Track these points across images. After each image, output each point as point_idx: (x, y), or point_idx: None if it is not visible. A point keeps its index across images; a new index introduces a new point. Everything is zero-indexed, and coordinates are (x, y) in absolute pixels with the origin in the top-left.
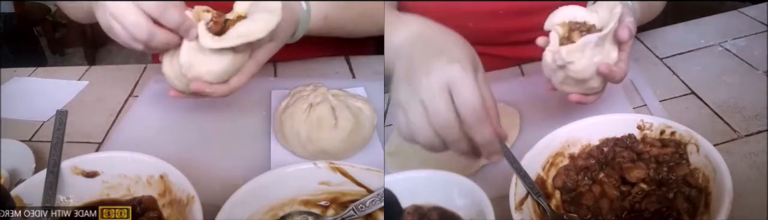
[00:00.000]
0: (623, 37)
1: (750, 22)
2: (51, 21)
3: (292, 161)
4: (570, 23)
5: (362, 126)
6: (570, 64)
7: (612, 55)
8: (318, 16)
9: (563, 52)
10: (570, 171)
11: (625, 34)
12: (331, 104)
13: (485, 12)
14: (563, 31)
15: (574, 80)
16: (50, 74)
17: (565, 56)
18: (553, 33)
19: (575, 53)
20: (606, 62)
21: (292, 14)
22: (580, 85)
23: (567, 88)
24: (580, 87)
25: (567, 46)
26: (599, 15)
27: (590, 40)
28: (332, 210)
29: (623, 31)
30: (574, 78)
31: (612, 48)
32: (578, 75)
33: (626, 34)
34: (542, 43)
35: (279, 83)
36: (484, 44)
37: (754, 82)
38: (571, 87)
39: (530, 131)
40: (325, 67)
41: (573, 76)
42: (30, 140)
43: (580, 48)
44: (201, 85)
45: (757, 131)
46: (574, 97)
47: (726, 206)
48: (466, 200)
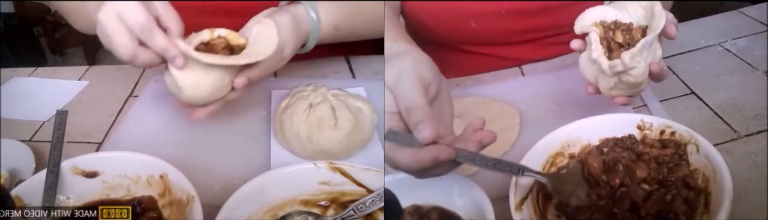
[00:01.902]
0: (673, 34)
1: (750, 22)
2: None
3: (292, 161)
4: (603, 23)
5: (362, 126)
6: (632, 70)
7: (658, 54)
8: (328, 26)
9: (626, 58)
10: None
11: (674, 30)
12: (331, 104)
13: (488, 12)
14: (601, 32)
15: (628, 85)
16: (50, 74)
17: (629, 62)
18: (593, 34)
19: (636, 57)
20: (656, 62)
21: (302, 27)
22: (632, 88)
23: (617, 92)
24: (631, 90)
25: (629, 51)
26: (629, 13)
27: (649, 41)
28: (332, 210)
29: (672, 28)
30: (630, 83)
31: (657, 47)
32: (637, 79)
33: (675, 31)
34: (578, 47)
35: (279, 83)
36: (485, 44)
37: (754, 82)
38: (621, 91)
39: (530, 131)
40: (325, 67)
41: (630, 82)
42: (30, 140)
43: (639, 51)
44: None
45: (757, 131)
46: (620, 101)
47: (726, 206)
48: (466, 200)
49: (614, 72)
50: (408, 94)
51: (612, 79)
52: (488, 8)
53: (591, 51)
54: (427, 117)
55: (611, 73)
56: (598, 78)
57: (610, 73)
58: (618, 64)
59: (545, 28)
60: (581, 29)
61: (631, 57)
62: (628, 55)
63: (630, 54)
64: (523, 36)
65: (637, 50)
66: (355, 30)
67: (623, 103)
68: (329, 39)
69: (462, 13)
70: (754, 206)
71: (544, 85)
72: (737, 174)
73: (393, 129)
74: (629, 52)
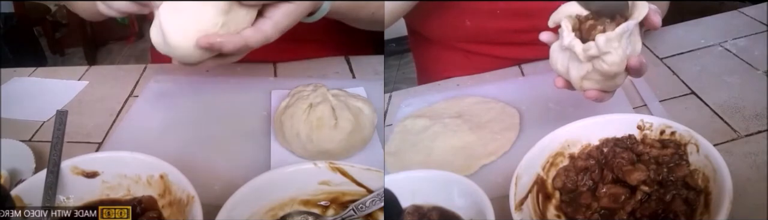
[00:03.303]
0: (656, 23)
1: (750, 22)
2: (51, 21)
3: (292, 161)
4: (578, 16)
5: (362, 126)
6: (606, 55)
7: (637, 48)
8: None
9: (601, 40)
10: (570, 172)
11: (658, 20)
12: (331, 104)
13: (483, 11)
14: (574, 23)
15: (602, 75)
16: (50, 74)
17: (603, 46)
18: (565, 22)
19: (613, 43)
20: (637, 55)
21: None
22: (606, 81)
23: (589, 84)
24: (604, 84)
25: (605, 34)
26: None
27: (629, 27)
28: (332, 210)
29: (656, 18)
30: (603, 72)
31: (637, 39)
32: (612, 68)
33: (658, 21)
34: (547, 39)
35: (279, 83)
36: (483, 44)
37: (754, 82)
38: (593, 83)
39: (530, 131)
40: (325, 67)
41: (603, 70)
42: (30, 140)
43: (618, 37)
44: (208, 38)
45: (757, 131)
46: (592, 94)
47: (726, 206)
48: (466, 200)
49: (588, 56)
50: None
51: (584, 67)
52: (483, 7)
53: (562, 39)
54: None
55: (584, 57)
56: (569, 68)
57: (584, 58)
58: (592, 47)
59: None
60: (554, 21)
61: (606, 40)
62: (604, 37)
63: (605, 37)
64: (521, 36)
65: (614, 35)
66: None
67: (596, 97)
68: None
69: (457, 10)
70: (754, 206)
71: (544, 85)
72: (737, 174)
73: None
74: (605, 35)
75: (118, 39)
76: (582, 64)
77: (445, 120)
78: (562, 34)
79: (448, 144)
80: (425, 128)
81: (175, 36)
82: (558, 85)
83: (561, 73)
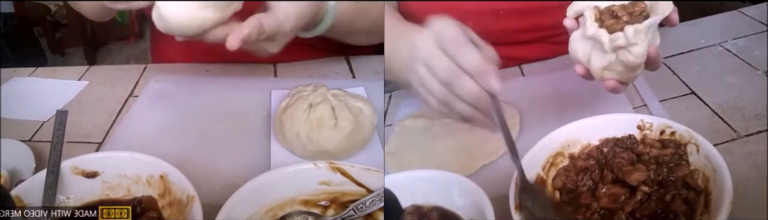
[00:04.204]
0: (675, 21)
1: (750, 22)
2: (51, 21)
3: (292, 161)
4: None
5: (362, 126)
6: (633, 46)
7: (656, 42)
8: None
9: (630, 32)
10: (570, 172)
11: (677, 18)
12: (332, 104)
13: (486, 12)
14: (596, 13)
15: (624, 66)
16: (50, 74)
17: (632, 37)
18: (588, 12)
19: (640, 34)
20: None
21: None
22: (627, 72)
23: (609, 74)
24: (625, 75)
25: (634, 25)
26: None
27: (656, 21)
28: (332, 210)
29: (675, 15)
30: (626, 63)
31: (656, 35)
32: (637, 59)
33: (677, 19)
34: (570, 25)
35: (279, 83)
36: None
37: (754, 82)
38: (614, 74)
39: (530, 131)
40: (325, 67)
41: (628, 61)
42: (30, 140)
43: (645, 29)
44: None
45: (757, 131)
46: (611, 84)
47: (726, 206)
48: (466, 200)
49: (614, 46)
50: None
51: (608, 57)
52: (486, 7)
53: (585, 28)
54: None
55: (610, 47)
56: (590, 57)
57: (610, 48)
58: (619, 37)
59: (544, 28)
60: (575, 12)
61: (634, 32)
62: (632, 29)
63: (634, 28)
64: (522, 36)
65: (643, 27)
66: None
67: (613, 87)
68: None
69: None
70: (754, 206)
71: (544, 85)
72: (737, 174)
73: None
74: (633, 26)
75: (118, 39)
76: (605, 55)
77: (445, 120)
78: (584, 24)
79: (448, 144)
80: (425, 128)
81: (168, 6)
82: (579, 72)
83: (582, 62)
